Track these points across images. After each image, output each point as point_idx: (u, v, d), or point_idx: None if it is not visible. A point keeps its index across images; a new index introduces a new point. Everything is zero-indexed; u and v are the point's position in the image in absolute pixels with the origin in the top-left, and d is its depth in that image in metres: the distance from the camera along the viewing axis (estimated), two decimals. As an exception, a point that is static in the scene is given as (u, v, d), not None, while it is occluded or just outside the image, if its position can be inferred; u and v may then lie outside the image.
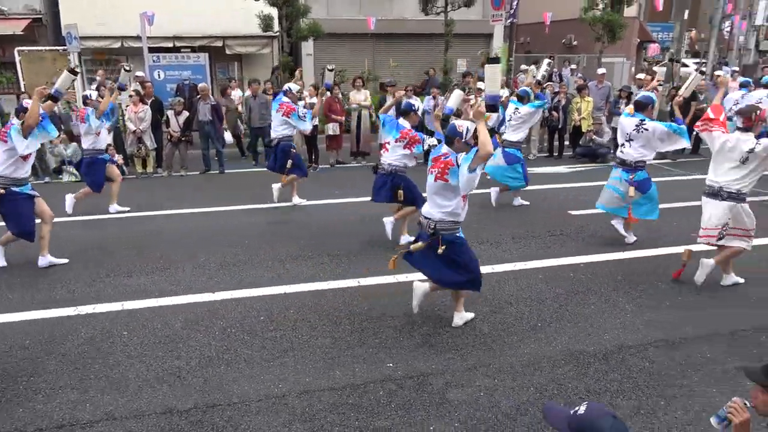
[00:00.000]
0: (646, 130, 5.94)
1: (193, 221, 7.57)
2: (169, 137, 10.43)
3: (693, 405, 3.52)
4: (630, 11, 19.22)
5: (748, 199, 5.07)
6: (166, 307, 4.89)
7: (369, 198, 6.50)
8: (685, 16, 16.82)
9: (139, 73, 11.80)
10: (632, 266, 5.75)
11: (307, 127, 8.21)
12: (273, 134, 8.06)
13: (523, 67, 13.24)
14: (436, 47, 17.93)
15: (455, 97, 5.91)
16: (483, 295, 5.06)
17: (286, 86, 8.28)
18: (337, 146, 11.31)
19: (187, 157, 10.69)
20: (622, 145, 6.19)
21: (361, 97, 11.26)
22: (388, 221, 6.38)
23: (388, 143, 6.16)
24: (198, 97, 10.60)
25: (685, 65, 19.55)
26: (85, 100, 7.73)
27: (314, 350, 4.20)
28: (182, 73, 13.52)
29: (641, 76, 11.78)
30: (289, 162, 7.81)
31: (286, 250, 6.32)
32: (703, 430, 3.28)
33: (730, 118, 6.66)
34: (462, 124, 4.29)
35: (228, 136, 11.06)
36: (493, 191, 7.95)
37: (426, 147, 5.88)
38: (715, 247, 5.19)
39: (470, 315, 4.62)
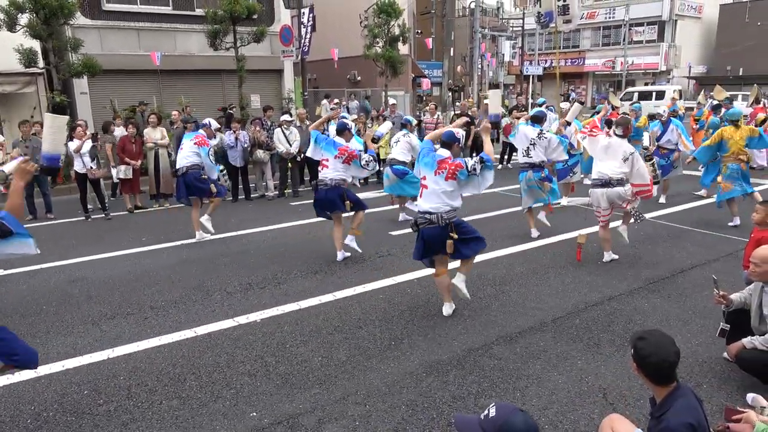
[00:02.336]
0: (546, 138, 7.44)
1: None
2: None
3: (543, 391, 3.86)
4: (404, 49, 21.20)
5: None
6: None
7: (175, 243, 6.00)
8: (452, 53, 19.03)
9: None
10: (453, 277, 6.17)
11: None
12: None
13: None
14: (226, 83, 17.57)
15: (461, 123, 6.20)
16: (333, 324, 5.00)
17: (205, 120, 8.30)
18: (133, 190, 10.27)
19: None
20: (527, 150, 7.46)
21: (157, 135, 10.42)
22: (351, 238, 6.76)
23: (327, 160, 6.54)
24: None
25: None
26: None
27: (162, 417, 3.65)
28: None
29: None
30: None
31: (97, 309, 5.46)
32: (556, 411, 3.60)
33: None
34: (458, 131, 5.13)
35: None
36: None
37: (363, 162, 6.51)
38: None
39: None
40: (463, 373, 4.12)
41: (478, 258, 6.70)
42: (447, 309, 5.16)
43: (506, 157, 14.31)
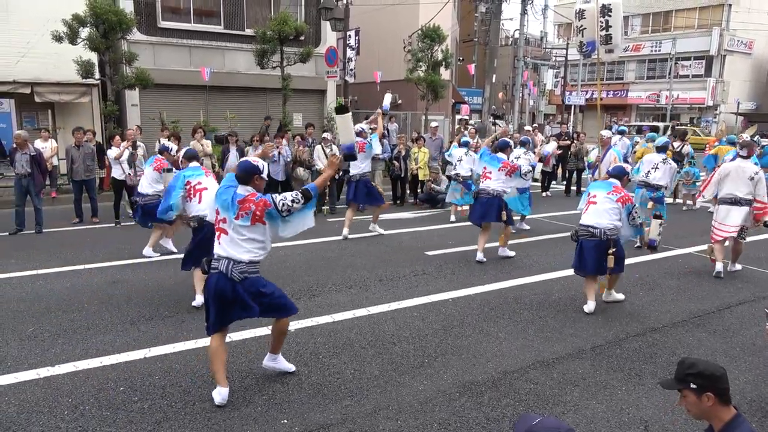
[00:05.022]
0: (669, 163, 8.12)
1: (10, 288, 6.36)
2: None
3: (581, 419, 3.73)
4: (446, 75, 21.33)
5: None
6: (-10, 391, 3.96)
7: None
8: (494, 80, 19.07)
9: None
10: (497, 298, 6.09)
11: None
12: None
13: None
14: (270, 100, 17.97)
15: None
16: (366, 339, 4.97)
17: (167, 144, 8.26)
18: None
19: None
20: (649, 172, 8.13)
21: (199, 147, 10.67)
22: (502, 250, 7.70)
23: (491, 172, 7.41)
24: (14, 146, 9.17)
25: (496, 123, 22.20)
26: None
27: (194, 417, 3.67)
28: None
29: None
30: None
31: (136, 311, 5.58)
32: (596, 439, 3.48)
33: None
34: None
35: None
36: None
37: (524, 171, 7.57)
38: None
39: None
40: (497, 395, 4.03)
41: (516, 281, 6.67)
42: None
43: (546, 185, 14.16)
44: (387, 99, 8.98)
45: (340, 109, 4.26)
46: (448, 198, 10.47)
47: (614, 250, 5.52)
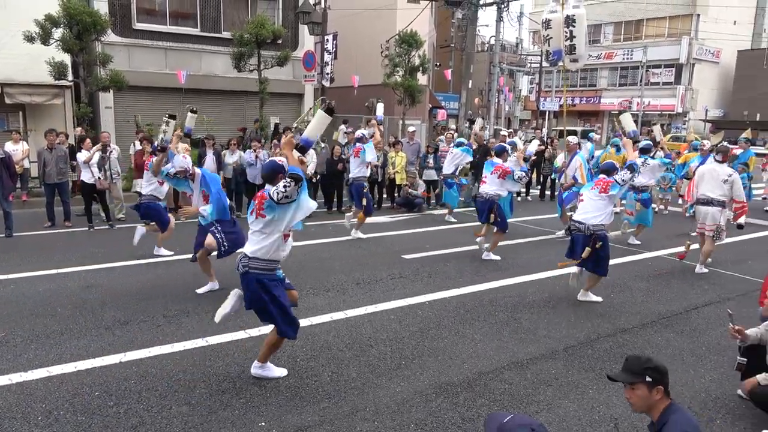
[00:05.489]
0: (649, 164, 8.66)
1: (-21, 292, 6.24)
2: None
3: (553, 418, 3.83)
4: (423, 80, 21.49)
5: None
6: (-39, 397, 3.89)
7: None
8: (470, 86, 19.26)
9: None
10: (472, 300, 6.19)
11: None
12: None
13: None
14: (248, 103, 17.88)
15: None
16: (344, 341, 5.01)
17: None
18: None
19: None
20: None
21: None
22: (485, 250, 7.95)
23: (486, 177, 7.85)
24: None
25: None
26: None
27: (171, 422, 3.67)
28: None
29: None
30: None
31: (111, 315, 5.52)
32: (568, 437, 3.57)
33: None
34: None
35: None
36: None
37: (517, 176, 7.77)
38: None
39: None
40: (473, 395, 4.10)
41: (492, 284, 6.78)
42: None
43: (526, 190, 14.33)
44: (380, 109, 9.35)
45: (329, 111, 4.33)
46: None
47: (600, 244, 5.97)
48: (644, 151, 8.69)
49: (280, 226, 3.93)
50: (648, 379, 2.61)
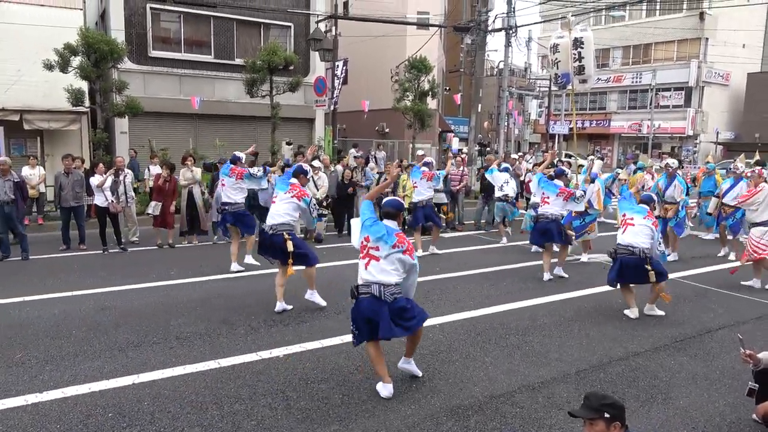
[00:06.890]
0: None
1: (-5, 315, 6.33)
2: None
3: (566, 441, 3.80)
4: (432, 104, 21.74)
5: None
6: (-23, 418, 3.94)
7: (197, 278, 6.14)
8: (479, 109, 19.45)
9: None
10: (483, 323, 6.18)
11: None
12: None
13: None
14: (259, 128, 18.17)
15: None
16: (354, 364, 5.02)
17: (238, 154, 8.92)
18: (167, 226, 10.54)
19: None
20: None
21: (189, 174, 10.77)
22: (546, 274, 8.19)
23: (548, 197, 8.18)
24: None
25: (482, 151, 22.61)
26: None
27: (183, 443, 3.69)
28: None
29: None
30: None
31: (125, 337, 5.58)
32: (580, 461, 3.54)
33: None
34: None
35: None
36: None
37: (578, 195, 8.24)
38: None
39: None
40: (484, 419, 4.09)
41: (503, 307, 6.77)
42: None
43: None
44: (455, 143, 9.76)
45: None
46: (498, 218, 11.59)
47: (652, 266, 6.31)
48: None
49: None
50: (606, 415, 2.77)
